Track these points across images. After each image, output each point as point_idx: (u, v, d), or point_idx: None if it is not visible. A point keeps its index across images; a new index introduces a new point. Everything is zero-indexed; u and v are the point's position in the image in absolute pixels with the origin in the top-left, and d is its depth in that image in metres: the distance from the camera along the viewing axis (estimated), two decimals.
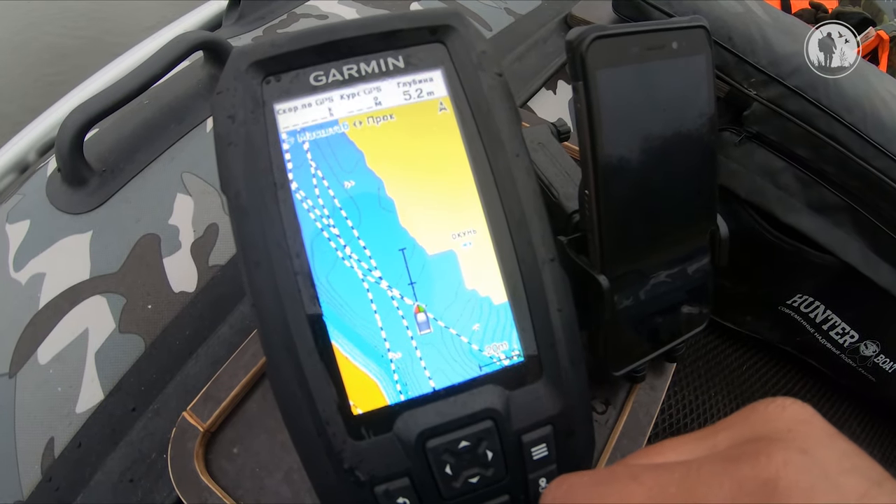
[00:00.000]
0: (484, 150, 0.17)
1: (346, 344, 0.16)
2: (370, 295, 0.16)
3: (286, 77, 0.17)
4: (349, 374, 0.16)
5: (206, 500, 0.24)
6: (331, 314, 0.16)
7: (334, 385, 0.16)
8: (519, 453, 0.16)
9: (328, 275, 0.16)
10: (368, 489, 0.16)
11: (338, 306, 0.16)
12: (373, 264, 0.16)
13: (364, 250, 0.16)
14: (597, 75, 0.20)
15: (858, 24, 0.57)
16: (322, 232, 0.16)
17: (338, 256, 0.16)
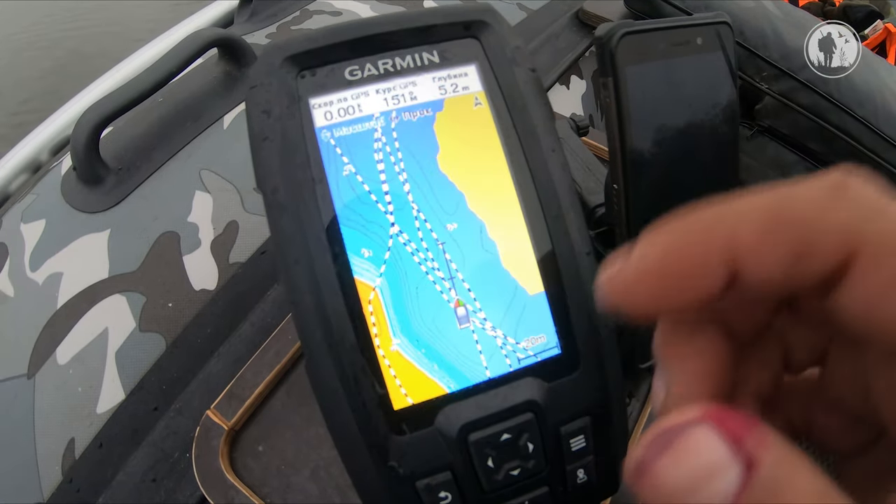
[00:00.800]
0: (520, 144, 0.17)
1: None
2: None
3: (321, 72, 0.17)
4: (391, 367, 0.16)
5: (232, 498, 0.24)
6: (371, 306, 0.16)
7: (376, 380, 0.16)
8: (558, 445, 0.17)
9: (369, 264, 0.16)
10: (410, 484, 0.16)
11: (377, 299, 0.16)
12: (413, 248, 0.16)
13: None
14: (626, 71, 0.20)
15: (866, 17, 0.58)
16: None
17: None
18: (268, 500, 0.25)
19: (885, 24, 0.56)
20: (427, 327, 0.16)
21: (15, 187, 0.38)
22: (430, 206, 0.17)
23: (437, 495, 0.16)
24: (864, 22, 0.56)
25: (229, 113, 0.32)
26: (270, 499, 0.25)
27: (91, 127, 0.29)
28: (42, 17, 1.42)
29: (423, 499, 0.16)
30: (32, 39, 1.38)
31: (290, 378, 0.26)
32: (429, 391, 0.16)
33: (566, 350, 0.17)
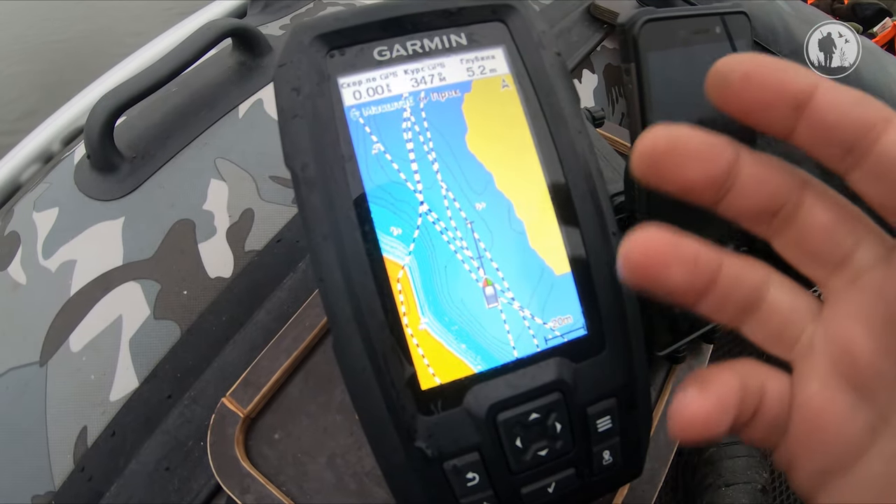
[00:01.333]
0: (547, 125, 0.17)
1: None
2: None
3: (350, 51, 0.17)
4: (420, 346, 0.16)
5: (247, 486, 0.24)
6: (400, 283, 0.16)
7: (405, 359, 0.16)
8: (585, 425, 0.17)
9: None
10: (437, 465, 0.16)
11: (407, 276, 0.16)
12: (441, 226, 0.16)
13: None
14: (648, 57, 0.21)
15: (875, 14, 0.58)
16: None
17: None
18: (284, 487, 0.25)
19: (893, 22, 0.56)
20: (455, 306, 0.16)
21: (26, 177, 0.38)
22: (458, 186, 0.17)
23: (465, 476, 0.16)
24: (872, 19, 0.57)
25: (244, 102, 0.32)
26: (286, 487, 0.25)
27: (106, 115, 0.29)
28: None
29: (450, 480, 0.16)
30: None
31: (307, 365, 0.26)
32: (457, 371, 0.16)
33: (592, 331, 0.17)
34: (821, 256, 0.13)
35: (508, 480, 0.16)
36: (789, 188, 0.13)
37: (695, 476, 0.44)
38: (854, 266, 0.13)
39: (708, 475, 0.44)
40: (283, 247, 0.29)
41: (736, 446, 0.46)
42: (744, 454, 0.45)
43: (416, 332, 0.16)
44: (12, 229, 0.33)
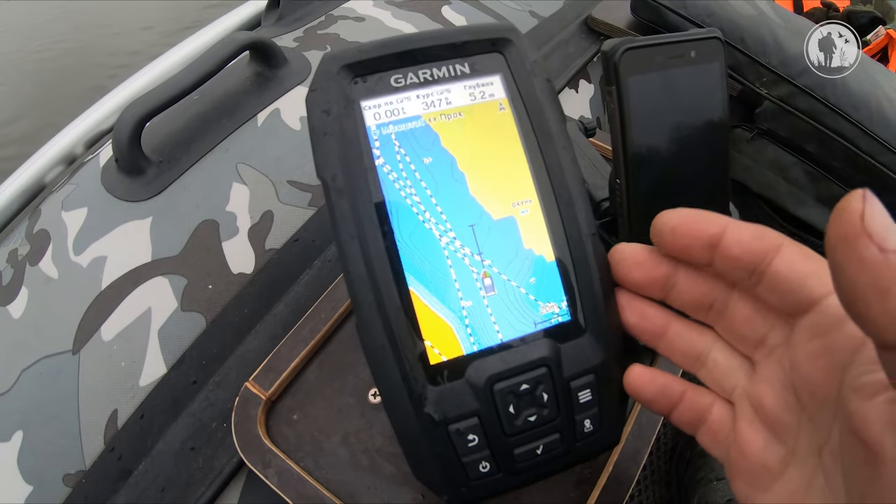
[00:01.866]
0: (537, 142, 0.22)
1: (428, 297, 0.20)
2: (446, 253, 0.21)
3: (371, 79, 0.21)
4: (430, 327, 0.20)
5: (269, 462, 0.29)
6: (414, 272, 0.20)
7: (418, 337, 0.20)
8: (568, 397, 0.21)
9: (410, 236, 0.20)
10: (443, 428, 0.20)
11: (420, 266, 0.20)
12: (448, 226, 0.21)
13: (441, 215, 0.21)
14: (627, 81, 0.25)
15: (869, 23, 0.63)
16: (406, 199, 0.20)
17: (419, 220, 0.20)
18: (301, 463, 0.29)
19: (886, 30, 0.61)
20: (459, 294, 0.21)
21: (50, 178, 0.42)
22: (461, 193, 0.21)
23: (467, 438, 0.20)
24: (866, 28, 0.61)
25: (262, 111, 0.36)
26: (304, 462, 0.29)
27: (135, 121, 0.33)
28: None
29: (454, 441, 0.20)
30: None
31: (323, 353, 0.31)
32: (460, 348, 0.20)
33: (574, 317, 0.21)
34: (745, 338, 0.19)
35: (503, 442, 0.21)
36: (718, 290, 0.20)
37: (687, 470, 0.48)
38: (768, 345, 0.19)
39: (700, 469, 0.48)
40: (299, 246, 0.33)
41: None
42: None
43: (426, 315, 0.20)
44: (42, 227, 0.37)
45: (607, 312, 0.22)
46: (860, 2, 0.67)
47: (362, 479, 0.28)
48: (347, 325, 0.31)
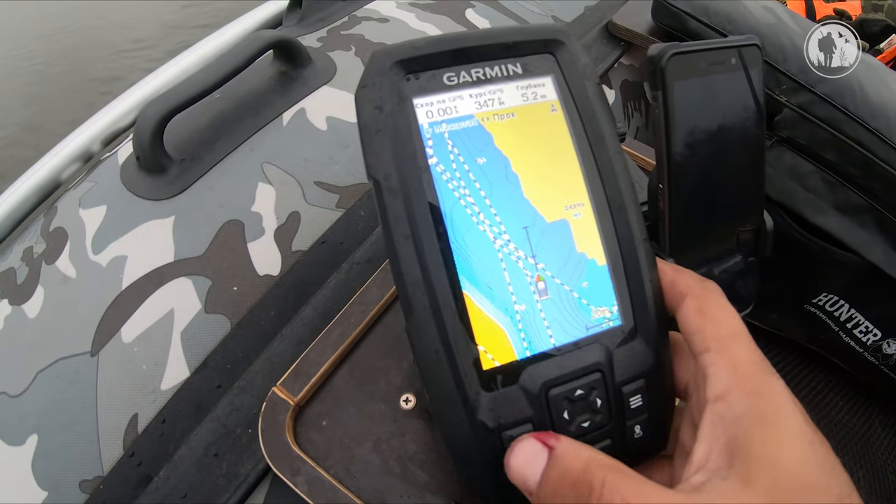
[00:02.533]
0: (589, 146, 0.22)
1: (482, 301, 0.20)
2: (500, 256, 0.20)
3: (424, 76, 0.21)
4: (483, 332, 0.20)
5: (297, 469, 0.28)
6: (468, 275, 0.20)
7: (472, 342, 0.20)
8: (620, 402, 0.21)
9: (464, 238, 0.20)
10: (497, 435, 0.20)
11: (474, 269, 0.20)
12: (502, 228, 0.20)
13: (495, 216, 0.20)
14: (674, 86, 0.25)
15: (882, 31, 0.63)
16: (460, 200, 0.20)
17: (473, 222, 0.20)
18: (331, 471, 0.28)
19: None
20: (513, 298, 0.20)
21: (67, 175, 0.41)
22: (515, 196, 0.21)
23: None
24: (879, 36, 0.62)
25: (288, 111, 0.36)
26: (334, 470, 0.28)
27: (158, 119, 0.33)
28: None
29: (507, 447, 0.20)
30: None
31: (353, 358, 0.30)
32: (514, 354, 0.20)
33: (626, 321, 0.21)
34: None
35: None
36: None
37: None
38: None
39: None
40: (327, 248, 0.33)
41: None
42: None
43: (479, 320, 0.20)
44: (58, 225, 0.36)
45: (657, 318, 0.21)
46: (872, 10, 0.68)
47: (394, 486, 0.28)
48: (377, 329, 0.31)
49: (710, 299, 0.20)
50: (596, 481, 0.17)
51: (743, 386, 0.18)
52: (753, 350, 0.19)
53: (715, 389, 0.18)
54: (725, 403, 0.18)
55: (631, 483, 0.17)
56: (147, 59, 1.49)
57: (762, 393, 0.17)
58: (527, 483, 0.19)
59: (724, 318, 0.19)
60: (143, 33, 1.63)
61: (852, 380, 0.55)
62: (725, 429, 0.17)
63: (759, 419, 0.17)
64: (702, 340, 0.19)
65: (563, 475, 0.18)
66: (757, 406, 0.17)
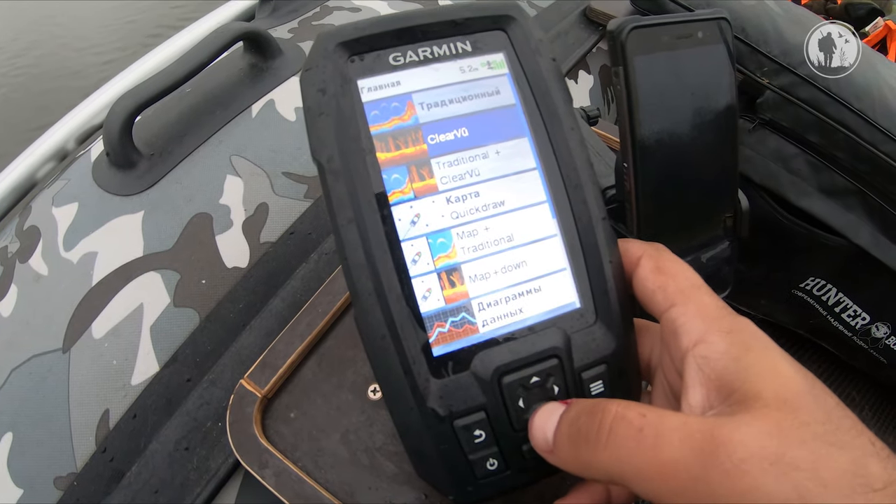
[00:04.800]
0: (543, 123, 0.20)
1: (431, 284, 0.19)
2: (451, 236, 0.19)
3: (368, 57, 0.20)
4: (433, 316, 0.19)
5: (265, 462, 0.27)
6: (416, 258, 0.19)
7: (420, 327, 0.19)
8: (580, 388, 0.20)
9: (412, 220, 0.19)
10: (448, 423, 0.19)
11: (422, 252, 0.19)
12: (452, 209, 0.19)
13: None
14: (634, 61, 0.24)
15: (867, 14, 0.62)
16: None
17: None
18: (300, 463, 0.27)
19: (885, 22, 0.60)
20: (463, 281, 0.19)
21: (42, 174, 0.41)
22: (464, 175, 0.20)
23: (473, 433, 0.19)
24: (865, 19, 0.60)
25: (257, 103, 0.35)
26: (302, 462, 0.27)
27: (126, 114, 0.32)
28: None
29: (459, 437, 0.19)
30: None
31: (320, 349, 0.29)
32: (465, 338, 0.19)
33: (585, 305, 0.20)
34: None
35: (511, 438, 0.19)
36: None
37: None
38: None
39: None
40: (295, 238, 0.32)
41: None
42: None
43: (429, 305, 0.19)
44: (32, 224, 0.36)
45: (619, 300, 0.20)
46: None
47: (363, 478, 0.27)
48: (346, 319, 0.30)
49: (663, 258, 0.20)
50: (611, 405, 0.17)
51: (719, 326, 0.17)
52: (717, 299, 0.19)
53: (691, 336, 0.18)
54: (706, 344, 0.17)
55: (644, 405, 0.17)
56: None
57: (739, 329, 0.17)
58: (546, 435, 0.18)
59: (682, 273, 0.19)
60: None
61: (842, 364, 0.53)
62: (713, 366, 0.17)
63: (745, 347, 0.17)
64: (665, 297, 0.19)
65: (579, 410, 0.18)
66: (738, 339, 0.17)
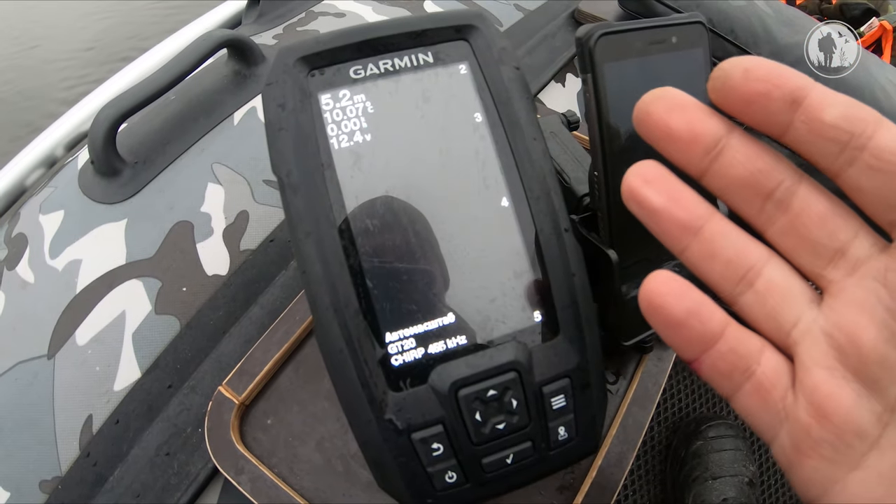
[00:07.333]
0: (505, 134, 0.20)
1: (390, 297, 0.19)
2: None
3: (329, 70, 0.20)
4: (391, 329, 0.19)
5: (242, 468, 0.27)
6: (374, 271, 0.19)
7: (377, 340, 0.19)
8: (540, 403, 0.19)
9: (371, 234, 0.19)
10: (406, 436, 0.19)
11: (380, 265, 0.19)
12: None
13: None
14: (604, 68, 0.23)
15: (862, 14, 0.60)
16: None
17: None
18: (276, 469, 0.27)
19: (880, 22, 0.58)
20: (421, 294, 0.19)
21: (31, 181, 0.41)
22: (426, 189, 0.19)
23: (431, 446, 0.19)
24: (860, 19, 0.59)
25: (239, 110, 0.35)
26: (278, 468, 0.27)
27: (109, 123, 0.32)
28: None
29: (418, 450, 0.19)
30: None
31: (298, 356, 0.29)
32: (423, 352, 0.19)
33: (547, 317, 0.20)
34: (818, 247, 0.14)
35: (470, 451, 0.19)
36: (783, 169, 0.14)
37: (682, 469, 0.47)
38: (851, 256, 0.13)
39: (695, 468, 0.46)
40: (275, 246, 0.32)
41: (723, 440, 0.48)
42: (730, 447, 0.48)
43: (386, 317, 0.19)
44: (20, 231, 0.36)
45: (583, 313, 0.20)
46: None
47: (337, 485, 0.27)
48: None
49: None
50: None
51: None
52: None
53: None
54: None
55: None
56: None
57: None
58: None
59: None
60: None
61: None
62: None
63: None
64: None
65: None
66: None
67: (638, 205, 0.15)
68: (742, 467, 0.46)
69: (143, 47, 0.44)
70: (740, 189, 0.14)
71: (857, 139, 0.12)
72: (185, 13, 0.44)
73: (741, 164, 0.14)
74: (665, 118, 0.14)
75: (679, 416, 0.49)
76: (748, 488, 0.45)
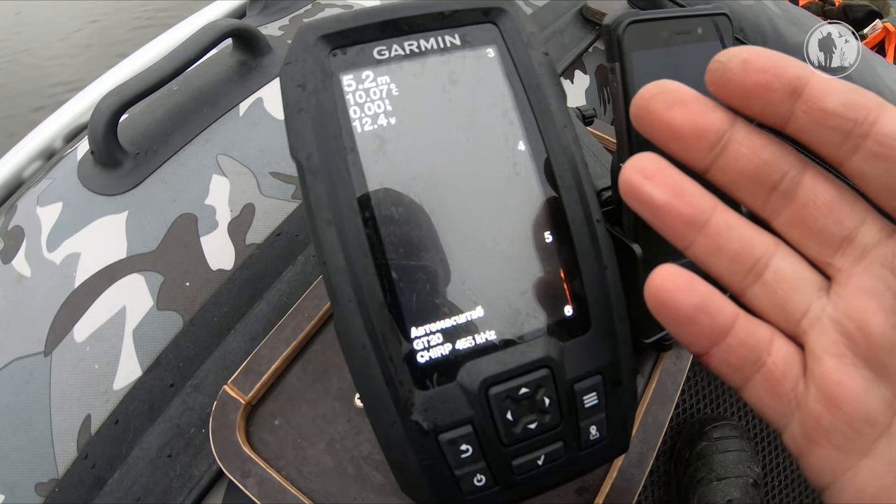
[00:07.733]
0: (535, 120, 0.19)
1: (416, 290, 0.17)
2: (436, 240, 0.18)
3: (352, 50, 0.19)
4: (417, 324, 0.17)
5: (248, 471, 0.26)
6: (400, 263, 0.17)
7: (404, 336, 0.17)
8: (572, 401, 0.18)
9: (396, 223, 0.17)
10: (433, 437, 0.17)
11: (406, 256, 0.17)
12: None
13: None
14: (631, 57, 0.22)
15: (865, 16, 0.60)
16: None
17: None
18: (283, 472, 0.26)
19: (883, 24, 0.58)
20: (450, 288, 0.18)
21: (29, 173, 0.39)
22: (454, 177, 0.18)
23: (459, 448, 0.18)
24: (863, 21, 0.59)
25: (245, 101, 0.34)
26: (286, 471, 0.26)
27: (110, 112, 0.31)
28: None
29: (445, 452, 0.17)
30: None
31: (307, 354, 0.28)
32: (451, 348, 0.18)
33: (578, 312, 0.19)
34: (825, 235, 0.13)
35: (500, 452, 0.18)
36: (788, 160, 0.14)
37: (687, 470, 0.46)
38: (859, 243, 0.13)
39: (700, 469, 0.46)
40: (282, 240, 0.30)
41: (727, 441, 0.47)
42: (735, 448, 0.47)
43: (412, 311, 0.17)
44: (16, 224, 0.34)
45: (615, 307, 0.19)
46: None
47: (348, 489, 0.25)
48: (333, 324, 0.28)
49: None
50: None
51: None
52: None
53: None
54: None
55: None
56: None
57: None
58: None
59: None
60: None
61: None
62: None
63: None
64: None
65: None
66: None
67: (638, 201, 0.14)
68: (746, 468, 0.45)
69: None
70: (746, 182, 0.14)
71: (860, 126, 0.12)
72: (185, 12, 0.42)
73: (746, 158, 0.13)
74: (667, 115, 0.14)
75: (683, 416, 0.48)
76: (753, 489, 0.45)
